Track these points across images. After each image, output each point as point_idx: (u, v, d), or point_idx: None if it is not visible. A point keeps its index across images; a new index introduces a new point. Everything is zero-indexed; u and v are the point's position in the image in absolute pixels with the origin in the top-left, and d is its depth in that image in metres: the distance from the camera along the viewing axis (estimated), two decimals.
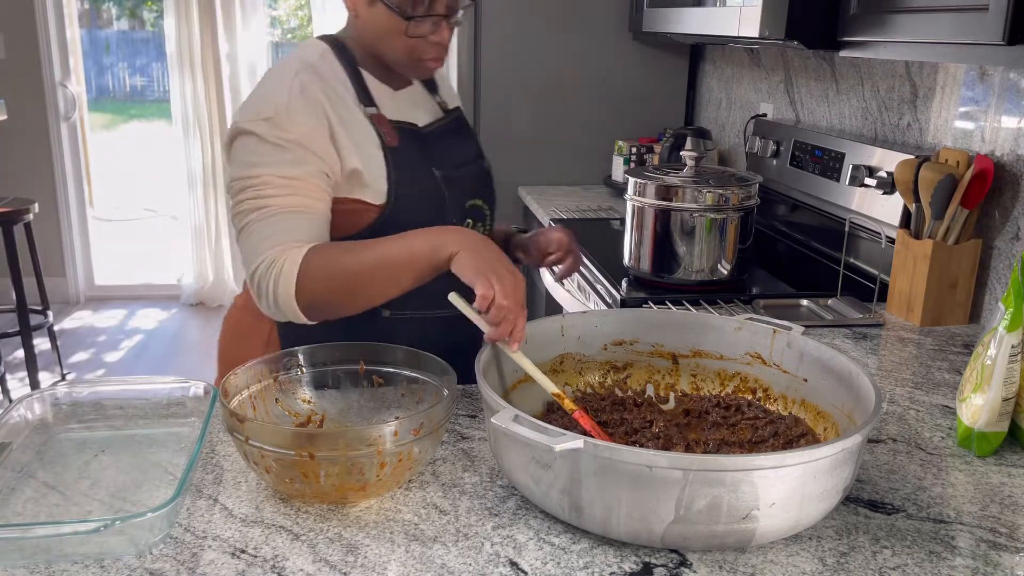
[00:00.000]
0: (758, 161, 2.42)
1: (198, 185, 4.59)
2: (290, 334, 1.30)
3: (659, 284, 1.87)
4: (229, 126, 1.23)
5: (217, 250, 4.70)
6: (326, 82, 1.24)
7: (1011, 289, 1.08)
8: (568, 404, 1.05)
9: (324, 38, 1.32)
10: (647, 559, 0.87)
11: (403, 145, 1.29)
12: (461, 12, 1.26)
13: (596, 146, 3.07)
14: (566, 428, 0.94)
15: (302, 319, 1.17)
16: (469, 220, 1.37)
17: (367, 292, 1.14)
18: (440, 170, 1.33)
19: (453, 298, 1.10)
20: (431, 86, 1.45)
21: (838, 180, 2.00)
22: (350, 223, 1.26)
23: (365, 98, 1.28)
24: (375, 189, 1.26)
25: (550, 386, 1.06)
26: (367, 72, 1.31)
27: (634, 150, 2.92)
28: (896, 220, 1.77)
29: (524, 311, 1.05)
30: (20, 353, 3.70)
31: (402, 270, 1.12)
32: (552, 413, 1.12)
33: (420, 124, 1.36)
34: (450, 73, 3.01)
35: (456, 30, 1.32)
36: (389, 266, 1.12)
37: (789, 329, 1.15)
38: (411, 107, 1.37)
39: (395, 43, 1.24)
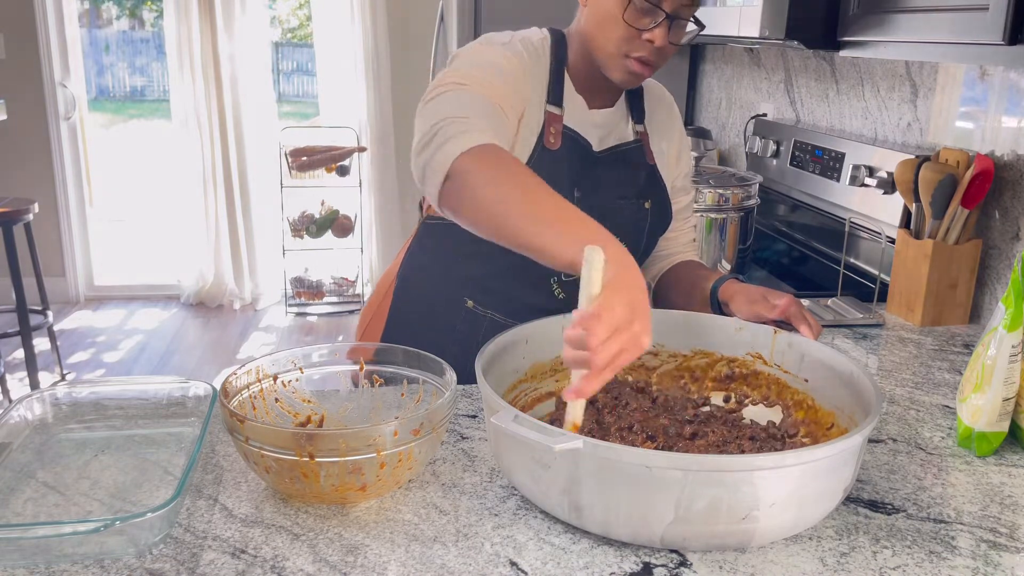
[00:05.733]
0: (758, 161, 2.42)
1: (198, 185, 4.59)
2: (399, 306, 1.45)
3: None
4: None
5: (217, 250, 4.69)
6: (532, 60, 1.29)
7: (1011, 289, 1.07)
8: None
9: (551, 30, 1.35)
10: (647, 559, 0.87)
11: (559, 154, 1.28)
12: (686, 36, 1.22)
13: None
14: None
15: (434, 193, 1.08)
16: None
17: (494, 227, 1.02)
18: (582, 193, 1.29)
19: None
20: (637, 112, 1.39)
21: (838, 180, 2.00)
22: None
23: (554, 96, 1.29)
24: None
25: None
26: (570, 78, 1.32)
27: None
28: (896, 220, 1.77)
29: (604, 372, 0.85)
30: (20, 353, 3.70)
31: (540, 240, 0.96)
32: (551, 413, 1.12)
33: (596, 147, 1.33)
34: None
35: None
36: (532, 232, 0.97)
37: (790, 329, 1.15)
38: (595, 127, 1.34)
39: (610, 31, 1.22)
